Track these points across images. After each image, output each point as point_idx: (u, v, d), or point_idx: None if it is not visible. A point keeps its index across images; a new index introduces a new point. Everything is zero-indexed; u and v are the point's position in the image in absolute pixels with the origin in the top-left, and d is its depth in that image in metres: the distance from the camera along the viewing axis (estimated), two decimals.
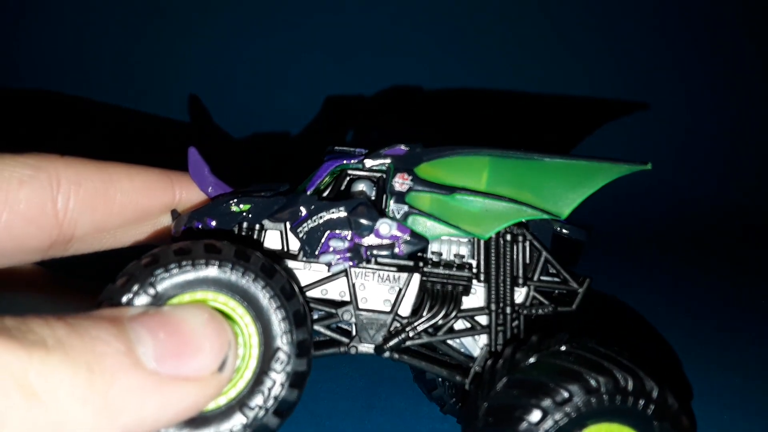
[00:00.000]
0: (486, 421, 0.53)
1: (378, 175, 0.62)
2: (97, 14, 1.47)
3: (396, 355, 0.62)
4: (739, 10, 1.67)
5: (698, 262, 1.35)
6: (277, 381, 0.49)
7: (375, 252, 0.59)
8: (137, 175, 0.60)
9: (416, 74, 1.57)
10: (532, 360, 0.54)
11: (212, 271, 0.49)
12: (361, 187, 0.62)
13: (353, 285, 0.61)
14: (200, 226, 0.59)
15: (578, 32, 1.65)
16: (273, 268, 0.51)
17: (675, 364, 0.91)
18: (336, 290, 0.62)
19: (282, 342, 0.49)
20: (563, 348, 0.55)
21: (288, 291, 0.51)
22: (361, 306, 0.62)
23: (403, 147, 0.60)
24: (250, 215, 0.59)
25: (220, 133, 1.46)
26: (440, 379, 0.77)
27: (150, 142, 1.44)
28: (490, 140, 0.63)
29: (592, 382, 0.51)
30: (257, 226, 0.60)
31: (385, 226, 0.58)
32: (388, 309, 0.62)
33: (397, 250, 0.59)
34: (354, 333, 0.62)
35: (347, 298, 0.62)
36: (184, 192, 0.63)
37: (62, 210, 0.55)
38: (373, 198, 0.62)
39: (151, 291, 0.47)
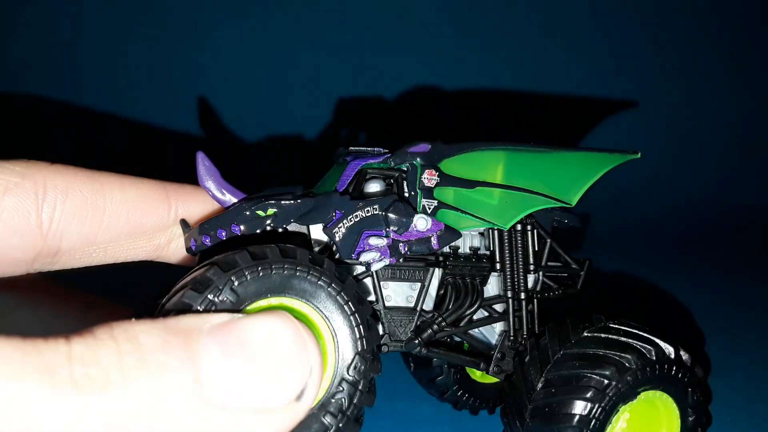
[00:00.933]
0: (548, 392, 0.56)
1: (395, 173, 0.62)
2: (100, 14, 1.44)
3: (424, 350, 0.63)
4: (740, 9, 1.69)
5: (699, 261, 1.37)
6: (356, 387, 0.48)
7: (414, 248, 0.59)
8: (130, 186, 0.56)
9: (418, 75, 1.58)
10: (586, 334, 0.58)
11: (289, 277, 0.47)
12: (375, 185, 0.61)
13: (379, 284, 0.61)
14: (224, 234, 0.56)
15: (579, 28, 1.67)
16: (344, 275, 0.50)
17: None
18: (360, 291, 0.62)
19: (358, 348, 0.49)
20: (612, 324, 0.59)
21: (360, 297, 0.50)
22: (387, 304, 0.62)
23: (426, 144, 0.61)
24: (276, 219, 0.57)
25: (223, 138, 1.45)
26: (446, 366, 0.80)
27: (151, 149, 1.43)
28: (489, 138, 0.64)
29: (645, 352, 0.55)
30: (280, 230, 0.59)
31: (422, 221, 0.59)
32: (412, 305, 0.62)
33: (434, 243, 0.60)
34: (382, 332, 0.62)
35: (371, 298, 0.62)
36: (181, 205, 0.59)
37: (47, 220, 0.51)
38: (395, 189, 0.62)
39: (228, 297, 0.45)
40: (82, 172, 0.54)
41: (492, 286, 0.66)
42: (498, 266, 0.65)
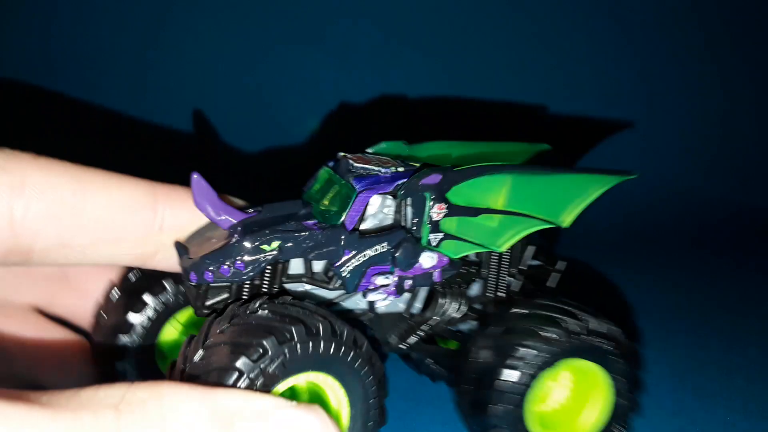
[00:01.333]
0: (474, 375, 0.62)
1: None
2: (99, 14, 1.44)
3: (414, 354, 0.66)
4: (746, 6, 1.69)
5: (700, 262, 1.37)
6: None
7: (418, 282, 0.60)
8: (116, 187, 0.53)
9: (416, 81, 1.59)
10: (505, 317, 0.63)
11: (333, 356, 0.49)
12: (376, 201, 0.60)
13: None
14: (228, 271, 0.54)
15: (581, 28, 1.67)
16: (373, 356, 0.53)
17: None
18: (353, 300, 0.63)
19: (370, 426, 0.52)
20: (545, 301, 0.64)
21: (384, 379, 0.53)
22: (379, 312, 0.63)
23: (438, 175, 0.59)
24: (280, 253, 0.56)
25: (219, 136, 1.44)
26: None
27: (147, 143, 1.42)
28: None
29: (565, 325, 0.60)
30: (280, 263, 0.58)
31: (428, 260, 0.60)
32: (401, 311, 0.64)
33: (435, 277, 0.61)
34: (375, 338, 0.64)
35: (363, 305, 0.63)
36: (168, 209, 0.56)
37: (19, 218, 0.48)
38: (401, 221, 0.61)
39: (276, 370, 0.46)
40: (65, 169, 0.51)
41: (475, 285, 0.68)
42: (484, 272, 0.67)
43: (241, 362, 0.45)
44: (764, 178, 1.72)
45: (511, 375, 0.60)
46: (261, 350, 0.46)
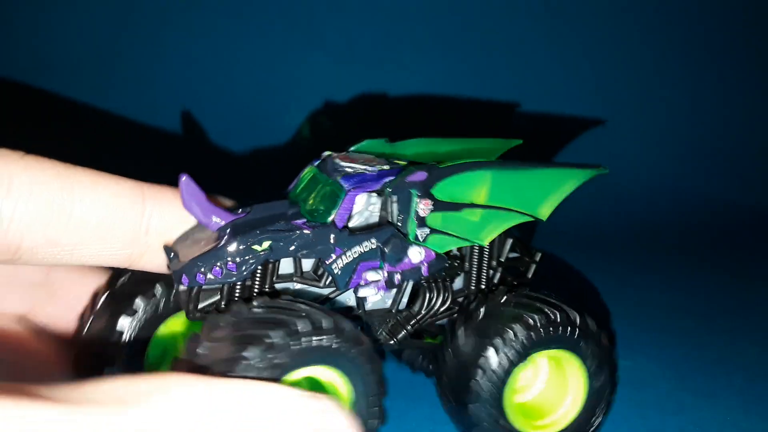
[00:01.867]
0: (454, 363, 0.64)
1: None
2: (88, 14, 1.45)
3: (405, 351, 0.68)
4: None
5: (700, 261, 1.36)
6: None
7: (407, 276, 0.62)
8: (104, 187, 0.53)
9: (400, 83, 1.61)
10: (482, 310, 0.65)
11: (336, 350, 0.50)
12: (362, 198, 0.61)
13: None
14: (220, 273, 0.54)
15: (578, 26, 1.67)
16: (374, 355, 0.54)
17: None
18: (342, 298, 0.63)
19: (370, 423, 0.53)
20: (504, 298, 0.65)
21: (383, 378, 0.54)
22: (366, 308, 0.63)
23: (423, 172, 0.60)
24: (271, 252, 0.56)
25: (208, 143, 1.45)
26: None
27: (138, 145, 1.43)
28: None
29: (530, 321, 0.62)
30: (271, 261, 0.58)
31: (416, 254, 0.61)
32: (388, 306, 0.65)
33: (423, 271, 0.62)
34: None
35: (352, 303, 0.63)
36: (156, 210, 0.56)
37: (7, 218, 0.48)
38: (388, 218, 0.61)
39: (282, 360, 0.47)
40: (53, 169, 0.51)
41: (457, 279, 0.69)
42: (467, 266, 0.68)
43: (248, 353, 0.46)
44: (756, 175, 1.72)
45: (485, 375, 0.62)
46: (269, 342, 0.47)
